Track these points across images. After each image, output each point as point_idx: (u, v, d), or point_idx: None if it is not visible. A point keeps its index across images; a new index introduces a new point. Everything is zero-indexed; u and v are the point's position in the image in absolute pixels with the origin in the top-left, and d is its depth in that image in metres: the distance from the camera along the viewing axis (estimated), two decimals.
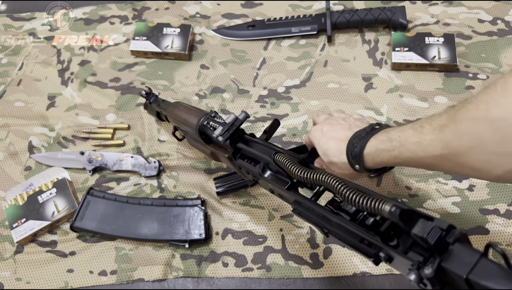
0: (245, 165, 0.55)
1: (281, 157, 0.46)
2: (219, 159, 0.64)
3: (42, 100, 0.90)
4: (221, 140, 0.52)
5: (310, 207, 0.44)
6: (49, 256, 0.75)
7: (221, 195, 0.75)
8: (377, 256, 0.36)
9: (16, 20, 1.01)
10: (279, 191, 0.50)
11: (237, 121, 0.54)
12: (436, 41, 0.84)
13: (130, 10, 0.99)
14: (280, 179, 0.49)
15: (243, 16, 0.96)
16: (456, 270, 0.29)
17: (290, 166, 0.44)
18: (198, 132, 0.60)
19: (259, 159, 0.52)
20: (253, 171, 0.53)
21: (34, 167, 0.83)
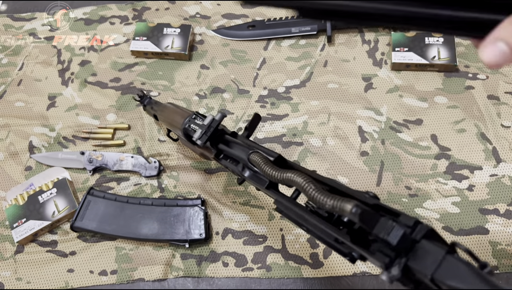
0: (228, 165, 0.55)
1: (255, 157, 0.46)
2: (208, 159, 0.66)
3: (43, 100, 0.90)
4: (199, 144, 0.53)
5: (288, 206, 0.44)
6: (50, 256, 0.75)
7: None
8: (351, 255, 0.36)
9: (16, 20, 1.01)
10: (262, 190, 0.51)
11: (214, 122, 0.53)
12: (435, 41, 0.84)
13: (130, 10, 0.99)
14: (260, 178, 0.49)
15: (243, 16, 0.96)
16: (421, 269, 0.28)
17: (263, 166, 0.44)
18: (183, 134, 0.61)
19: (238, 159, 0.52)
20: (235, 171, 0.53)
21: (34, 167, 0.83)
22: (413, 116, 0.81)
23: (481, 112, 0.80)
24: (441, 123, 0.79)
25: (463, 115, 0.80)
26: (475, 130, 0.78)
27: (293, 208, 0.43)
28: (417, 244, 0.30)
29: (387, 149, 0.78)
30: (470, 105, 0.81)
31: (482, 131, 0.78)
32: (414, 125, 0.80)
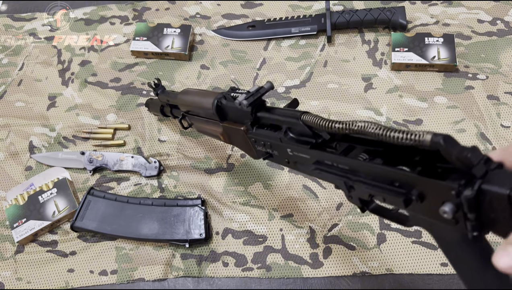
0: (263, 133, 0.53)
1: (309, 116, 0.45)
2: (230, 139, 0.62)
3: (43, 100, 0.90)
4: (245, 104, 0.51)
5: (335, 162, 0.43)
6: (50, 256, 0.75)
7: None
8: (408, 195, 0.35)
9: (16, 21, 1.01)
10: (298, 155, 0.49)
11: (261, 89, 0.52)
12: (435, 41, 0.84)
13: (130, 10, 0.99)
14: (302, 141, 0.48)
15: (243, 17, 0.96)
16: (498, 190, 0.29)
17: (324, 121, 0.42)
18: (215, 108, 0.58)
19: (281, 124, 0.50)
20: (273, 137, 0.51)
21: (34, 167, 0.83)
22: (413, 116, 0.81)
23: (481, 112, 0.80)
24: (441, 123, 0.80)
25: (462, 115, 0.80)
26: (475, 130, 0.78)
27: (342, 162, 0.42)
28: (490, 172, 0.30)
29: None
30: (470, 105, 0.81)
31: (482, 131, 0.78)
32: (414, 125, 0.80)
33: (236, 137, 0.59)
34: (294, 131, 0.48)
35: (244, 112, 0.53)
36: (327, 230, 0.73)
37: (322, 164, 0.45)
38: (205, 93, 0.64)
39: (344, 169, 0.42)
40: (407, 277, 0.68)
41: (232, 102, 0.55)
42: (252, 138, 0.55)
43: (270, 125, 0.52)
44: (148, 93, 0.89)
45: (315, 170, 0.46)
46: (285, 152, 0.50)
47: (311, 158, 0.46)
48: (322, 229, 0.73)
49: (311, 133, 0.45)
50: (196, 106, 0.65)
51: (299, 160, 0.49)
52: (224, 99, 0.57)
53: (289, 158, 0.51)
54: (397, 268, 0.69)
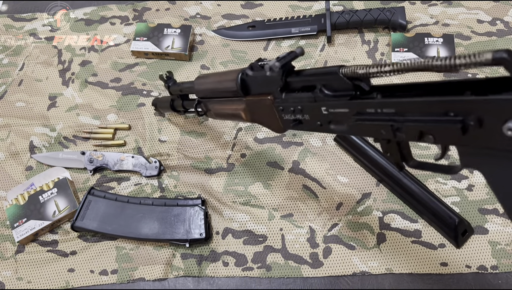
0: (295, 97, 0.51)
1: (348, 68, 0.43)
2: (252, 116, 0.60)
3: (43, 100, 0.90)
4: (277, 65, 0.49)
5: (379, 107, 0.41)
6: (50, 255, 0.75)
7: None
8: (466, 121, 0.33)
9: (17, 21, 1.01)
10: (335, 112, 0.46)
11: (292, 53, 0.50)
12: (435, 41, 0.84)
13: (130, 10, 0.99)
14: (340, 95, 0.45)
15: (243, 17, 0.96)
16: None
17: (365, 69, 0.41)
18: (240, 81, 0.57)
19: (315, 83, 0.48)
20: (306, 98, 0.49)
21: (35, 167, 0.83)
22: None
23: None
24: None
25: None
26: None
27: (388, 105, 0.40)
28: None
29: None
30: None
31: None
32: None
33: (261, 110, 0.57)
34: (329, 87, 0.46)
35: (272, 79, 0.52)
36: (327, 230, 0.73)
37: (364, 114, 0.43)
38: (225, 72, 0.62)
39: (390, 112, 0.40)
40: (407, 277, 0.68)
41: (260, 71, 0.54)
42: (280, 106, 0.52)
43: (301, 88, 0.50)
44: (148, 93, 0.89)
45: (356, 121, 0.44)
46: (318, 113, 0.48)
47: (350, 111, 0.44)
48: (322, 229, 0.73)
49: (351, 86, 0.43)
50: (215, 87, 0.63)
51: (335, 118, 0.47)
52: (250, 70, 0.55)
53: (323, 119, 0.48)
54: (397, 268, 0.69)
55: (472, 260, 0.69)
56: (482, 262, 0.68)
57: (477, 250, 0.69)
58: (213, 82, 0.64)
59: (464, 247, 0.69)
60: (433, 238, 0.70)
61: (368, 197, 0.75)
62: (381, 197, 0.74)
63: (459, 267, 0.68)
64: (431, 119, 0.36)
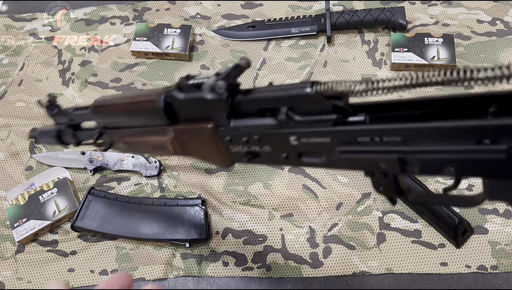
0: (251, 123, 0.39)
1: (326, 85, 0.33)
2: (184, 148, 0.46)
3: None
4: (221, 86, 0.37)
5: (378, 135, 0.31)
6: (50, 255, 0.75)
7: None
8: (511, 151, 0.26)
9: (17, 21, 1.02)
10: (310, 142, 0.36)
11: (236, 68, 0.39)
12: (435, 41, 0.84)
13: (130, 10, 0.99)
14: (316, 121, 0.35)
15: (243, 17, 0.96)
16: None
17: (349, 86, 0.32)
18: (163, 106, 0.43)
19: (277, 105, 0.37)
20: (267, 125, 0.37)
21: (35, 167, 0.83)
22: None
23: None
24: None
25: None
26: None
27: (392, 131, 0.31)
28: None
29: None
30: None
31: None
32: None
33: (197, 142, 0.44)
34: (300, 110, 0.36)
35: (213, 103, 0.39)
36: (327, 230, 0.73)
37: (354, 144, 0.33)
38: (139, 94, 0.48)
39: (394, 141, 0.31)
40: (407, 277, 0.69)
41: (193, 93, 0.40)
42: (227, 137, 0.41)
43: (257, 112, 0.39)
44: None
45: (342, 154, 0.34)
46: (285, 144, 0.37)
47: (333, 141, 0.34)
48: (322, 229, 0.73)
49: (330, 107, 0.34)
50: (126, 113, 0.48)
51: (310, 149, 0.37)
52: (179, 91, 0.42)
53: (291, 150, 0.38)
54: (397, 267, 0.69)
55: (472, 260, 0.69)
56: (482, 262, 0.68)
57: (477, 250, 0.69)
58: (122, 108, 0.49)
59: (464, 247, 0.69)
60: (433, 238, 0.70)
61: (368, 197, 0.75)
62: (381, 197, 0.74)
63: (459, 267, 0.68)
64: (457, 149, 0.28)
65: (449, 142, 0.28)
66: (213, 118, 0.41)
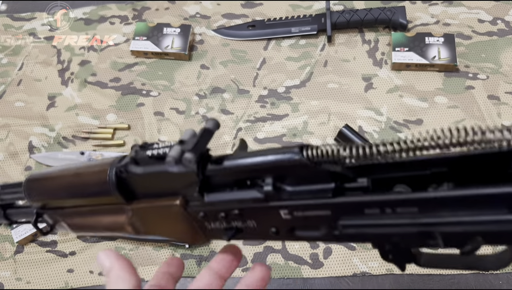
0: (229, 197, 0.33)
1: (319, 149, 0.28)
2: (146, 228, 0.39)
3: (42, 100, 0.90)
4: (190, 159, 0.30)
5: (391, 206, 0.27)
6: (49, 256, 0.75)
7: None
8: None
9: (16, 20, 1.01)
10: (305, 216, 0.31)
11: (206, 133, 0.32)
12: (436, 41, 0.84)
13: (130, 10, 0.99)
14: (311, 191, 0.30)
15: (243, 16, 0.96)
16: None
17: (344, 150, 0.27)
18: (115, 183, 0.36)
19: (259, 175, 0.31)
20: (250, 199, 0.31)
21: (34, 167, 0.83)
22: (413, 116, 0.81)
23: (481, 112, 0.80)
24: (441, 123, 0.79)
25: (463, 115, 0.80)
26: None
27: (409, 202, 0.26)
28: None
29: None
30: (470, 105, 0.81)
31: None
32: (414, 125, 0.80)
33: (163, 221, 0.37)
34: (289, 179, 0.30)
35: (181, 177, 0.33)
36: None
37: (360, 217, 0.28)
38: (83, 167, 0.40)
39: (408, 212, 0.26)
40: (408, 278, 0.68)
41: (153, 165, 0.34)
42: (201, 213, 0.34)
43: (233, 182, 0.33)
44: (147, 93, 0.89)
45: (346, 229, 0.29)
46: (273, 218, 0.32)
47: (334, 213, 0.29)
48: None
49: (326, 174, 0.29)
50: (70, 191, 0.40)
51: (306, 223, 0.31)
52: (134, 164, 0.35)
53: (282, 224, 0.32)
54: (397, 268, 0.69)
55: None
56: None
57: (478, 250, 0.69)
58: (64, 185, 0.41)
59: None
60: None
61: None
62: None
63: None
64: (489, 220, 0.24)
65: (478, 211, 0.24)
66: (181, 192, 0.34)
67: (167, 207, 0.35)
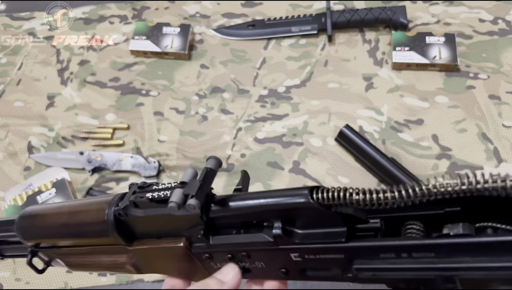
0: (235, 240, 0.32)
1: (328, 192, 0.27)
2: (149, 268, 0.40)
3: (42, 100, 0.89)
4: (194, 205, 0.29)
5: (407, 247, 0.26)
6: None
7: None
8: None
9: (15, 20, 1.01)
10: (317, 258, 0.30)
11: (209, 173, 0.32)
12: (436, 40, 0.84)
13: (129, 9, 0.99)
14: (324, 234, 0.29)
15: (243, 16, 0.95)
16: None
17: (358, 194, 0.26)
18: (115, 227, 0.35)
19: (265, 219, 0.30)
20: (258, 242, 0.30)
21: (33, 167, 0.82)
22: (414, 116, 0.81)
23: (482, 112, 0.80)
24: (442, 123, 0.79)
25: (464, 115, 0.80)
26: (476, 130, 0.78)
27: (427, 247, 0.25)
28: None
29: (388, 149, 0.78)
30: (471, 105, 0.80)
31: (483, 131, 0.78)
32: (415, 125, 0.80)
33: (165, 261, 0.37)
34: (299, 223, 0.30)
35: (182, 219, 0.32)
36: None
37: (375, 260, 0.27)
38: (80, 206, 0.38)
39: (427, 257, 0.26)
40: None
41: (154, 209, 0.33)
42: (206, 254, 0.34)
43: (240, 224, 0.32)
44: (147, 92, 0.88)
45: (361, 272, 0.28)
46: (283, 260, 0.31)
47: (347, 257, 0.28)
48: None
49: (339, 218, 0.28)
50: (66, 231, 0.39)
51: (317, 265, 0.30)
52: (133, 207, 0.34)
53: (292, 266, 0.31)
54: None
55: None
56: None
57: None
58: (59, 224, 0.39)
59: None
60: None
61: None
62: None
63: None
64: (506, 266, 0.23)
65: (499, 257, 0.23)
66: (184, 233, 0.33)
67: (170, 248, 0.34)
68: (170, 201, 0.29)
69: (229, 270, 0.34)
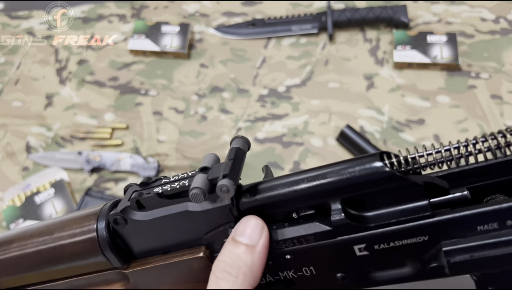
0: (281, 237, 0.25)
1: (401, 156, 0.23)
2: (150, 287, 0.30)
3: (40, 100, 0.89)
4: (228, 186, 0.23)
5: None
6: None
7: None
8: None
9: (13, 19, 1.00)
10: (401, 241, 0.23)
11: (239, 152, 0.26)
12: (438, 40, 0.83)
13: (128, 8, 0.98)
14: (402, 211, 0.23)
15: (243, 15, 0.95)
16: None
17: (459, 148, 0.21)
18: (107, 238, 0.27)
19: (313, 202, 0.24)
20: (310, 234, 0.24)
21: (31, 167, 0.82)
22: (415, 116, 0.80)
23: (483, 111, 0.79)
24: (443, 123, 0.79)
25: (465, 114, 0.79)
26: (477, 130, 0.77)
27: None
28: None
29: (389, 150, 0.77)
30: (473, 104, 0.80)
31: (485, 131, 0.77)
32: (416, 125, 0.79)
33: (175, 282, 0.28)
34: (358, 202, 0.23)
35: (200, 219, 0.25)
36: None
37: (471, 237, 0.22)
38: (52, 225, 0.29)
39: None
40: None
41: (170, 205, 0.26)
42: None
43: (283, 217, 0.26)
44: (146, 92, 0.88)
45: (453, 256, 0.23)
46: (341, 259, 0.24)
47: (432, 238, 0.23)
48: None
49: (422, 188, 0.22)
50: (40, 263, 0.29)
51: (386, 260, 0.24)
52: (134, 209, 0.27)
53: (353, 266, 0.25)
54: None
55: None
56: None
57: None
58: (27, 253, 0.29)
59: None
60: None
61: None
62: None
63: None
64: None
65: None
66: (203, 240, 0.26)
67: (185, 263, 0.26)
68: (193, 188, 0.22)
69: (249, 224, 0.25)
